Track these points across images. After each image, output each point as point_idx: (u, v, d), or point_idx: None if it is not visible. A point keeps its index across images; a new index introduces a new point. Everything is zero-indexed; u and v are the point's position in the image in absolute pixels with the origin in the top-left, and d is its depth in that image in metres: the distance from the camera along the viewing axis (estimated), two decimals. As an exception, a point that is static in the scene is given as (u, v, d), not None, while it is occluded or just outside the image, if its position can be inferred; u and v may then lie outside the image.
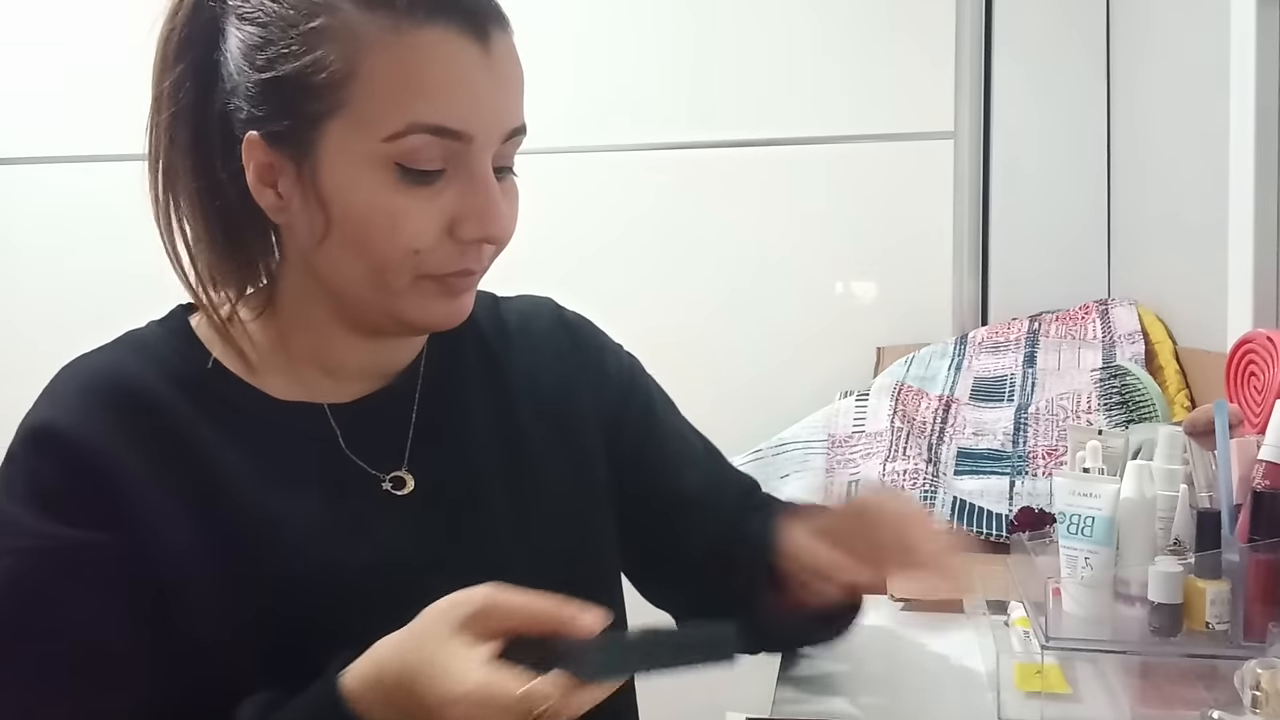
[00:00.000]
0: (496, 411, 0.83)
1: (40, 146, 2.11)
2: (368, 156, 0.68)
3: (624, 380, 0.92)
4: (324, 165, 0.69)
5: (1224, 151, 1.28)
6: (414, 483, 0.77)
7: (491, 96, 0.70)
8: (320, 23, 0.67)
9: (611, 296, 1.93)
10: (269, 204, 0.72)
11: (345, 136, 0.68)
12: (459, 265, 0.72)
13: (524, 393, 0.84)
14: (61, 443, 0.68)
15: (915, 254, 1.87)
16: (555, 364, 0.87)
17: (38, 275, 2.13)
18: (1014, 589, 0.98)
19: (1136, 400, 1.34)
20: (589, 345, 0.92)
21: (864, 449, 1.42)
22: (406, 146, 0.67)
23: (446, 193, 0.70)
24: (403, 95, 0.67)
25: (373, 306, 0.73)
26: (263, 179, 0.71)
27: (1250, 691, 0.70)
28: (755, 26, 1.89)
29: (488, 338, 0.86)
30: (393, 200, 0.68)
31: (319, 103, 0.67)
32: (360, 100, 0.67)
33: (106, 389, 0.71)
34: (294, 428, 0.75)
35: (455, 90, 0.68)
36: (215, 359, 0.75)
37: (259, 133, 0.69)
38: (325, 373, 0.77)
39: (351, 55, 0.67)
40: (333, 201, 0.69)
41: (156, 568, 0.67)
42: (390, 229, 0.69)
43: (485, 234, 0.71)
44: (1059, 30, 1.84)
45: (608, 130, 1.94)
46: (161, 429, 0.70)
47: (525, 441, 0.83)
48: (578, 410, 0.87)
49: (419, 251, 0.70)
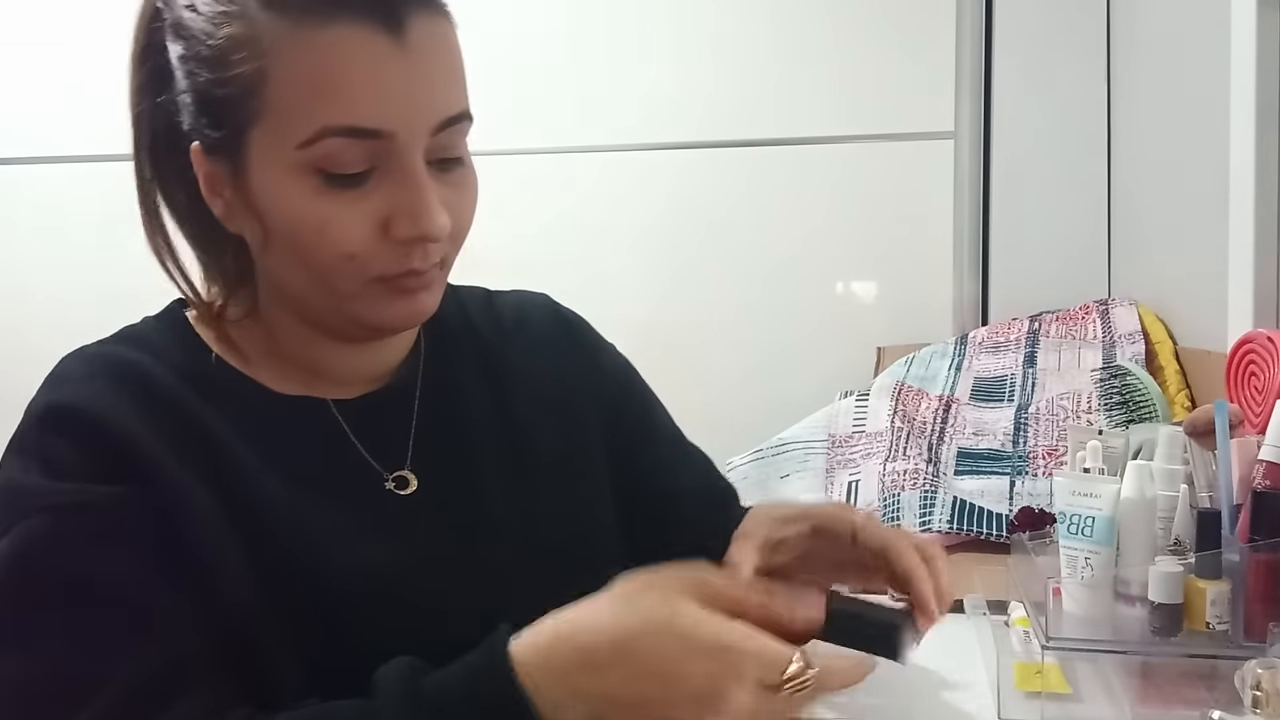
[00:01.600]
0: (496, 410, 0.82)
1: (40, 146, 2.11)
2: (287, 164, 0.66)
3: (621, 379, 0.92)
4: (252, 175, 0.68)
5: (1224, 151, 1.28)
6: (417, 482, 0.77)
7: (409, 89, 0.66)
8: (231, 30, 0.65)
9: (612, 296, 1.94)
10: (220, 213, 0.71)
11: (265, 145, 0.66)
12: (403, 266, 0.69)
13: (523, 390, 0.84)
14: (79, 419, 0.67)
15: (915, 254, 1.87)
16: (553, 360, 0.87)
17: (37, 275, 2.13)
18: (1014, 589, 0.98)
19: (1137, 400, 1.34)
20: (585, 342, 0.91)
21: (864, 449, 1.42)
22: (322, 151, 0.65)
23: (375, 194, 0.67)
24: (310, 99, 0.65)
25: (329, 311, 0.72)
26: (211, 189, 0.70)
27: (1251, 691, 0.70)
28: (755, 27, 1.89)
29: (484, 334, 0.85)
30: (317, 206, 0.66)
31: (239, 112, 0.66)
32: (272, 107, 0.65)
33: (117, 372, 0.70)
34: (299, 421, 0.74)
35: (364, 88, 0.65)
36: (215, 354, 0.74)
37: (199, 144, 0.69)
38: (318, 375, 0.77)
39: (259, 61, 0.65)
40: (264, 211, 0.68)
41: (181, 536, 0.66)
42: (318, 235, 0.67)
43: (419, 232, 0.68)
44: (1059, 30, 1.84)
45: (608, 130, 1.94)
46: (173, 412, 0.69)
47: (526, 440, 0.82)
48: (577, 407, 0.86)
49: (354, 256, 0.68)
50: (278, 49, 0.65)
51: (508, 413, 0.83)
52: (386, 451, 0.77)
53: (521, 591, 0.76)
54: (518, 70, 1.91)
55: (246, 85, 0.65)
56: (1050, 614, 0.85)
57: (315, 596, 0.69)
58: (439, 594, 0.73)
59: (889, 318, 1.88)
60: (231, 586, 0.67)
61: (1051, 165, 1.85)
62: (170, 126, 0.71)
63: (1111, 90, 1.82)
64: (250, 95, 0.65)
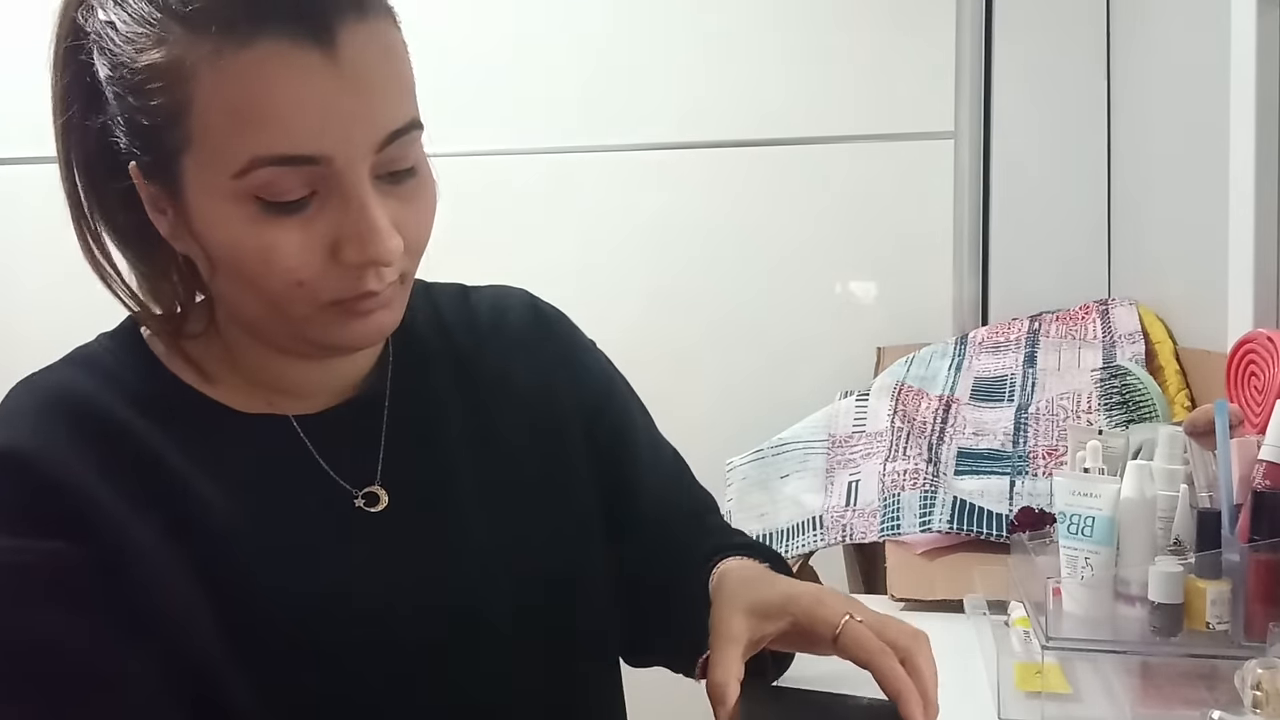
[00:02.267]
0: (471, 418, 0.78)
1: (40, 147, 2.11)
2: (223, 192, 0.62)
3: (601, 378, 0.88)
4: (189, 202, 0.64)
5: (1224, 151, 1.28)
6: (388, 499, 0.73)
7: (346, 108, 0.61)
8: (152, 56, 0.60)
9: (612, 297, 1.94)
10: (165, 232, 0.67)
11: (198, 174, 0.62)
12: (357, 289, 0.65)
13: (499, 395, 0.80)
14: (22, 464, 0.63)
15: (915, 254, 1.87)
16: (531, 359, 0.83)
17: (37, 275, 2.13)
18: (1014, 589, 0.98)
19: (1137, 400, 1.34)
20: (565, 339, 0.87)
21: (864, 449, 1.42)
22: (258, 181, 0.61)
23: (319, 218, 0.63)
24: (238, 128, 0.60)
25: (283, 334, 0.69)
26: (155, 207, 0.66)
27: (1251, 691, 0.70)
28: (756, 27, 1.89)
29: (458, 336, 0.81)
30: (259, 234, 0.62)
31: (167, 139, 0.62)
32: (200, 137, 0.61)
33: (64, 409, 0.66)
34: (259, 441, 0.71)
35: (294, 112, 0.59)
36: (172, 374, 0.71)
37: (136, 164, 0.65)
38: (280, 391, 0.73)
39: (183, 88, 0.60)
40: (204, 238, 0.64)
41: (130, 589, 0.64)
42: (264, 264, 0.63)
43: (367, 257, 0.63)
44: (1059, 30, 1.84)
45: (608, 130, 1.93)
46: (122, 450, 0.66)
47: (503, 449, 0.79)
48: (556, 407, 0.82)
49: (303, 283, 0.64)
50: (200, 73, 0.59)
51: (484, 422, 0.79)
52: (355, 467, 0.73)
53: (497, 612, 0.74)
54: (516, 71, 1.91)
55: (170, 113, 0.61)
56: (1050, 614, 0.85)
57: (278, 624, 0.67)
58: (408, 618, 0.71)
59: (889, 317, 1.88)
60: (185, 627, 0.64)
61: (1052, 165, 1.85)
62: (106, 144, 0.66)
63: (1111, 90, 1.82)
64: (175, 124, 0.61)
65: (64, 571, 0.63)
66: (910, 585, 1.15)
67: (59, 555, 0.63)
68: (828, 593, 0.69)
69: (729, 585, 0.73)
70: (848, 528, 1.31)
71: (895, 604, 1.14)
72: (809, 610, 0.67)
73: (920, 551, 1.21)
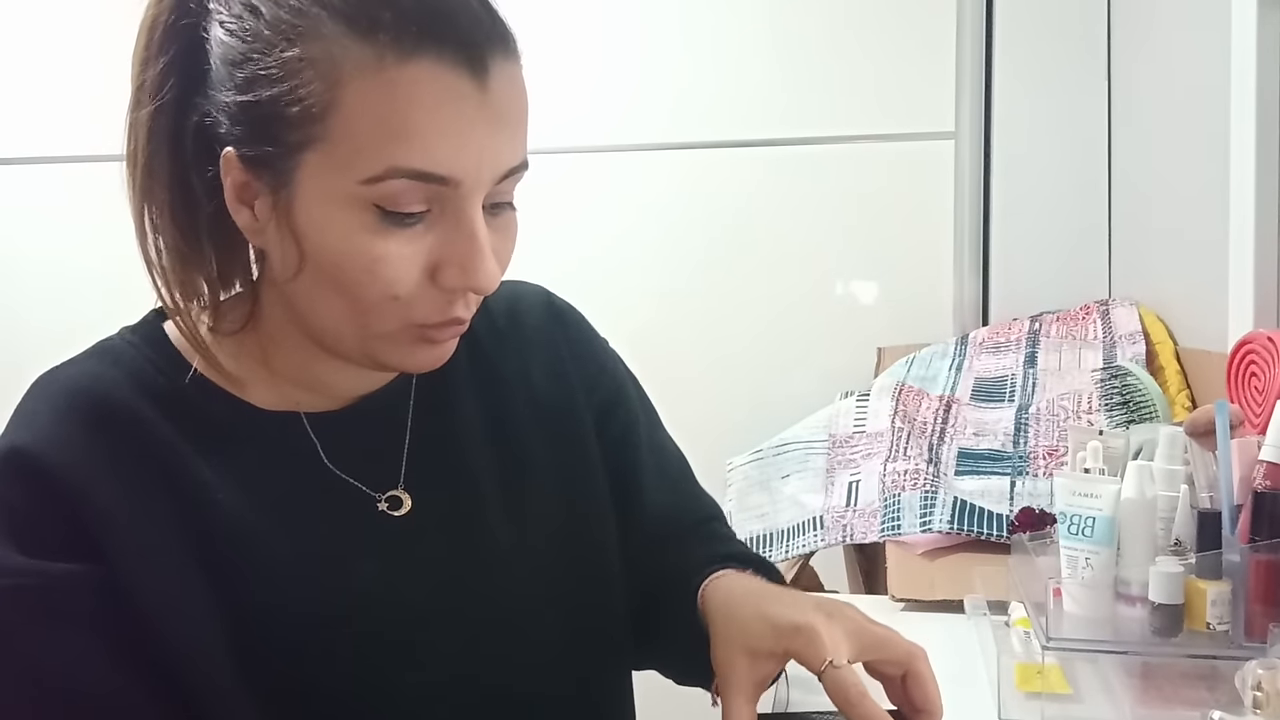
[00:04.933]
0: (490, 418, 0.79)
1: (40, 146, 2.11)
2: (344, 195, 0.62)
3: (615, 377, 0.88)
4: (299, 199, 0.63)
5: (1225, 151, 1.28)
6: (411, 502, 0.73)
7: (485, 138, 0.63)
8: (300, 50, 0.60)
9: (612, 297, 1.93)
10: (244, 223, 0.66)
11: (322, 172, 0.62)
12: (446, 315, 0.67)
13: (518, 393, 0.80)
14: (35, 469, 0.63)
15: (916, 254, 1.87)
16: (546, 356, 0.83)
17: (37, 276, 2.13)
18: (1014, 589, 0.98)
19: (1137, 400, 1.34)
20: (580, 336, 0.87)
21: (865, 449, 1.42)
22: (386, 191, 0.61)
23: (429, 236, 0.64)
24: (383, 137, 0.60)
25: (350, 345, 0.68)
26: (240, 197, 0.66)
27: (1251, 692, 0.70)
28: (755, 27, 1.89)
29: (479, 337, 0.81)
30: (371, 244, 0.63)
31: (296, 133, 0.62)
32: (339, 137, 0.61)
33: (82, 407, 0.66)
34: (280, 441, 0.71)
35: (442, 133, 0.61)
36: (194, 370, 0.70)
37: (236, 152, 0.64)
38: (308, 389, 0.73)
39: (332, 88, 0.60)
40: (307, 237, 0.64)
41: (136, 598, 0.63)
42: (368, 273, 0.63)
43: (469, 284, 0.65)
44: (1059, 30, 1.84)
45: (608, 130, 1.94)
46: (140, 450, 0.66)
47: (522, 450, 0.79)
48: (572, 405, 0.82)
49: (399, 298, 0.64)
50: (355, 76, 0.60)
51: (502, 421, 0.79)
52: (378, 469, 0.73)
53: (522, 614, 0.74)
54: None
55: (312, 109, 0.61)
56: (1050, 614, 0.85)
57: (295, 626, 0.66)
58: (432, 621, 0.71)
59: (889, 318, 1.88)
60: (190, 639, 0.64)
61: (1052, 165, 1.85)
62: (184, 122, 0.66)
63: (1112, 90, 1.82)
64: (314, 120, 0.61)
65: (63, 594, 0.63)
66: (910, 585, 1.15)
67: (59, 578, 0.63)
68: (820, 618, 0.66)
69: (719, 615, 0.72)
70: (848, 528, 1.31)
71: (895, 604, 1.14)
72: (799, 652, 0.66)
73: (921, 552, 1.21)
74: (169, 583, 0.64)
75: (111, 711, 0.63)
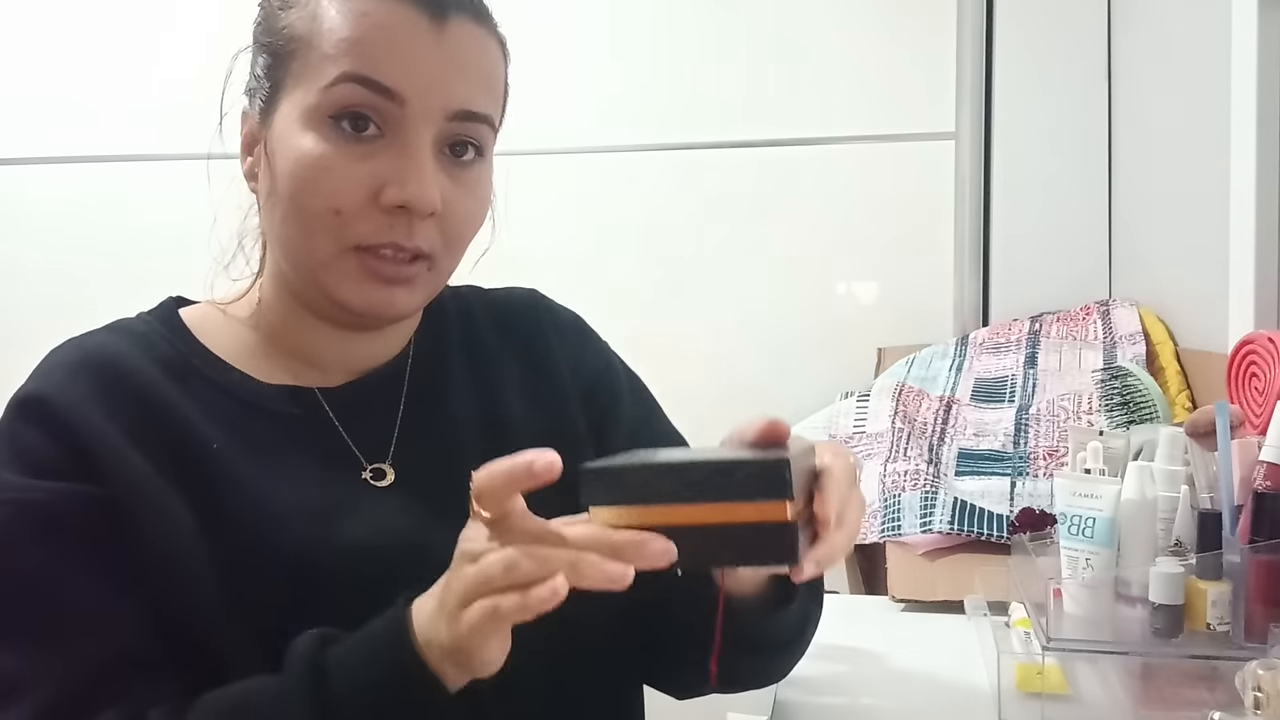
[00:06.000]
0: (483, 408, 0.82)
1: (40, 146, 2.11)
2: (308, 111, 0.70)
3: (603, 358, 0.90)
4: (276, 126, 0.72)
5: (1225, 152, 1.28)
6: (394, 476, 0.77)
7: (433, 67, 0.71)
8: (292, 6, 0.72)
9: (612, 297, 1.94)
10: (246, 171, 0.76)
11: (294, 94, 0.71)
12: (385, 237, 0.71)
13: (511, 388, 0.84)
14: (47, 409, 0.69)
15: (916, 255, 1.87)
16: (537, 345, 0.87)
17: (37, 276, 2.13)
18: (1015, 590, 0.98)
19: (1138, 401, 1.34)
20: (569, 325, 0.90)
21: (865, 449, 1.42)
22: (335, 95, 0.69)
23: (377, 159, 0.70)
24: (343, 49, 0.70)
25: (308, 281, 0.74)
26: (246, 147, 0.76)
27: (1251, 693, 0.70)
28: (756, 27, 1.89)
29: (476, 333, 0.86)
30: (322, 153, 0.70)
31: (282, 69, 0.72)
32: (309, 59, 0.71)
33: (94, 365, 0.72)
34: (281, 408, 0.76)
35: (392, 51, 0.70)
36: (203, 344, 0.77)
37: (250, 104, 0.75)
38: (310, 365, 0.78)
39: (310, 21, 0.71)
40: (276, 156, 0.72)
41: (137, 533, 0.68)
42: (314, 182, 0.70)
43: (405, 198, 0.70)
44: (1060, 30, 1.84)
45: (608, 130, 1.93)
46: (147, 404, 0.71)
47: (510, 439, 0.79)
48: (564, 410, 0.85)
49: (340, 212, 0.70)
50: (327, 9, 0.71)
51: (494, 411, 0.82)
52: (369, 442, 0.77)
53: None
54: (516, 71, 1.91)
55: (293, 42, 0.71)
56: (1051, 615, 0.85)
57: (283, 577, 0.69)
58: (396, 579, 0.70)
59: (890, 318, 1.88)
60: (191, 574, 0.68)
61: (1052, 166, 1.85)
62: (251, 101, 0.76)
63: (1112, 90, 1.82)
64: (295, 53, 0.71)
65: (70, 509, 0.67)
66: (911, 586, 1.15)
67: (67, 495, 0.67)
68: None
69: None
70: (848, 528, 1.30)
71: (895, 604, 1.14)
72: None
73: (921, 552, 1.21)
74: (169, 527, 0.68)
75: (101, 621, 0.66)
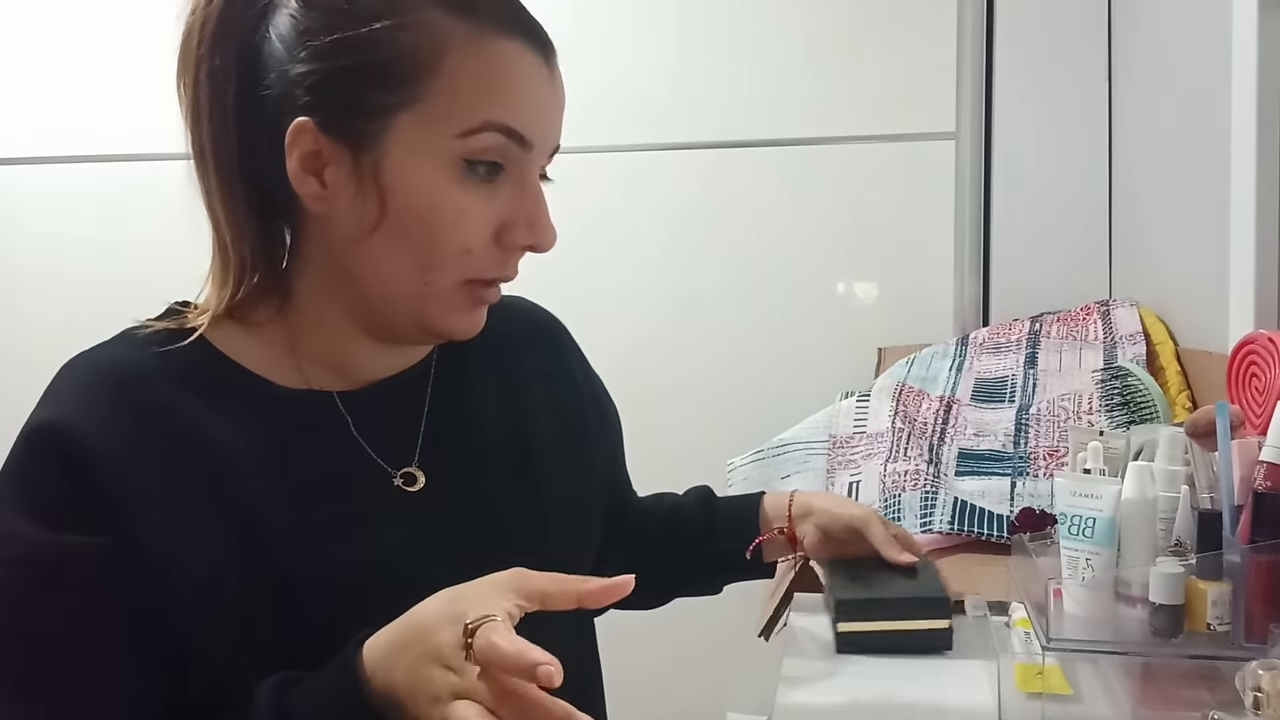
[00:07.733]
0: (506, 411, 0.83)
1: (40, 146, 2.11)
2: (437, 151, 0.69)
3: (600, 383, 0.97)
4: (389, 156, 0.69)
5: (1225, 151, 1.28)
6: (425, 479, 0.76)
7: (550, 110, 0.74)
8: (405, 19, 0.68)
9: (612, 297, 1.94)
10: (309, 192, 0.71)
11: (416, 130, 0.69)
12: (501, 271, 0.74)
13: (530, 393, 0.86)
14: (57, 441, 0.66)
15: (916, 254, 1.87)
16: (545, 361, 0.90)
17: (37, 276, 2.13)
18: (1015, 590, 0.98)
19: (1138, 401, 1.34)
20: (568, 344, 0.95)
21: (865, 450, 1.42)
22: (478, 144, 0.69)
23: (499, 198, 0.72)
24: (483, 95, 0.69)
25: (402, 307, 0.73)
26: (306, 167, 0.70)
27: (1251, 693, 0.70)
28: (756, 27, 1.89)
29: (494, 337, 0.85)
30: (457, 197, 0.70)
31: (393, 95, 0.68)
32: (439, 96, 0.69)
33: (109, 382, 0.69)
34: (302, 415, 0.74)
35: (527, 98, 0.71)
36: (218, 350, 0.73)
37: (313, 120, 0.69)
38: (334, 371, 0.77)
39: (435, 53, 0.68)
40: (393, 193, 0.69)
41: (155, 567, 0.65)
42: (451, 225, 0.70)
43: (533, 241, 0.73)
44: (1060, 30, 1.84)
45: (608, 130, 1.94)
46: (165, 420, 0.68)
47: (535, 441, 0.83)
48: (576, 408, 0.89)
49: (470, 252, 0.71)
50: (457, 46, 0.69)
51: (518, 415, 0.84)
52: (395, 447, 0.77)
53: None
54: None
55: (413, 71, 0.68)
56: (1051, 615, 0.85)
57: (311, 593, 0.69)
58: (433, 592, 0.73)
59: (890, 318, 1.88)
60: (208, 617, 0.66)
61: (1052, 165, 1.85)
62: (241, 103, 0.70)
63: (1113, 90, 1.82)
64: (415, 81, 0.68)
65: (85, 567, 0.65)
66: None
67: (70, 549, 0.65)
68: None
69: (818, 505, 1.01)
70: (848, 528, 1.30)
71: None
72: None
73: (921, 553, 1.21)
74: (189, 552, 0.66)
75: (105, 678, 0.65)
